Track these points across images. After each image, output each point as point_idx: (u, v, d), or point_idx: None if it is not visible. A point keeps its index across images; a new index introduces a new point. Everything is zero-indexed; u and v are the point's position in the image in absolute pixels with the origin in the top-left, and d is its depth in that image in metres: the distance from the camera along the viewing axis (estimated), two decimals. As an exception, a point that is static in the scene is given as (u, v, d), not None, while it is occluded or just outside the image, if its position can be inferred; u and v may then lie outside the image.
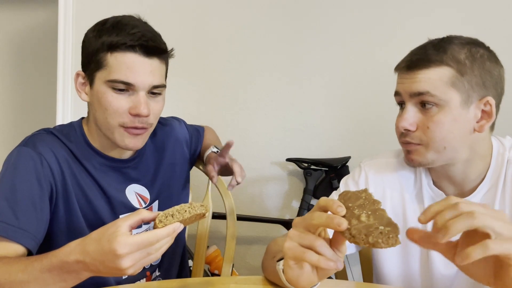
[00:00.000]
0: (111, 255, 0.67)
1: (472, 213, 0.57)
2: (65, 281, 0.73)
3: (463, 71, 0.85)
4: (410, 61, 0.88)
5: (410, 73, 0.88)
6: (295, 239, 0.65)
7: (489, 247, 0.56)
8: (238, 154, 2.01)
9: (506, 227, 0.58)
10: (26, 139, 0.97)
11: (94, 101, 0.96)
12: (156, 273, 1.12)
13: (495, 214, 0.59)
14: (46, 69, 2.66)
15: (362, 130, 2.00)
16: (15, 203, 0.88)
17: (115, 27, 0.92)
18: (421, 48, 0.90)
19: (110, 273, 0.70)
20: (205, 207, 0.73)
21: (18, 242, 0.85)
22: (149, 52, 0.92)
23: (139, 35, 0.91)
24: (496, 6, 1.86)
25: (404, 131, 0.89)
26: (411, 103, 0.88)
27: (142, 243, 0.68)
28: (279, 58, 2.04)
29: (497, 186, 0.90)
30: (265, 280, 0.91)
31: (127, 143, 0.96)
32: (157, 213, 0.72)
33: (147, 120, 0.95)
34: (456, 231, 0.57)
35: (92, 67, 0.94)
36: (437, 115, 0.86)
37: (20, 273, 0.74)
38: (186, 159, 1.22)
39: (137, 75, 0.91)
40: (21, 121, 2.86)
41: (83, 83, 0.98)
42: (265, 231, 2.10)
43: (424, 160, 0.89)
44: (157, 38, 0.96)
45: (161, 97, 0.98)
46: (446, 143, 0.87)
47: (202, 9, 2.07)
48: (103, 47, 0.91)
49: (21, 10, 2.79)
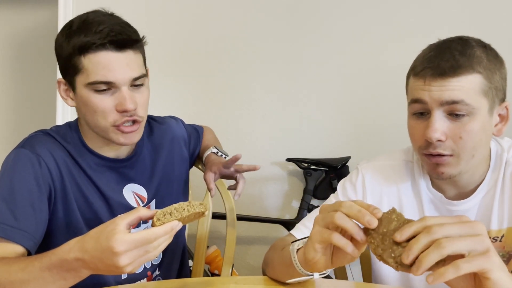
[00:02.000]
0: (109, 253, 0.67)
1: (440, 243, 0.58)
2: (65, 279, 0.73)
3: (490, 77, 0.83)
4: (439, 67, 0.82)
5: (440, 81, 0.82)
6: (321, 222, 0.68)
7: (460, 267, 0.58)
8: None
9: (479, 242, 0.59)
10: (24, 141, 0.98)
11: (81, 106, 0.95)
12: (156, 272, 1.12)
13: (467, 230, 0.60)
14: (46, 69, 2.66)
15: (362, 130, 2.00)
16: (13, 204, 0.88)
17: (81, 27, 0.91)
18: (444, 52, 0.84)
19: (108, 271, 0.70)
20: (204, 205, 0.72)
21: (17, 242, 0.85)
22: (121, 46, 0.90)
23: (107, 31, 0.89)
24: (497, 5, 1.86)
25: (436, 142, 0.83)
26: (440, 111, 0.83)
27: (139, 241, 0.68)
28: (279, 58, 2.04)
29: (495, 187, 0.90)
30: (265, 280, 0.91)
31: (122, 141, 0.96)
32: (155, 211, 0.72)
33: (136, 113, 0.94)
34: (428, 264, 0.59)
35: (70, 73, 0.93)
36: (469, 124, 0.82)
37: (20, 272, 0.74)
38: (185, 158, 1.22)
39: (115, 72, 0.90)
40: (21, 121, 2.86)
41: (66, 89, 0.98)
42: (265, 231, 2.10)
43: (455, 172, 0.86)
44: (126, 29, 0.93)
45: (144, 87, 0.97)
46: (475, 151, 0.84)
47: (201, 9, 2.07)
48: (74, 51, 0.90)
49: (21, 10, 2.79)
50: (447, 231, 0.60)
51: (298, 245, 0.78)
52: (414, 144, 0.90)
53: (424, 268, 0.59)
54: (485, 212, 0.90)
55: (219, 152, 1.23)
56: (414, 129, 0.88)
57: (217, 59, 2.07)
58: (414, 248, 0.60)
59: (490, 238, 0.89)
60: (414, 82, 0.87)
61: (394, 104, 1.95)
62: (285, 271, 0.84)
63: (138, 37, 0.96)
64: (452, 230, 0.60)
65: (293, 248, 0.78)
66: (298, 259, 0.76)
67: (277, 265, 0.89)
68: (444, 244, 0.58)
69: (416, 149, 0.90)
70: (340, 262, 0.71)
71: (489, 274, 0.59)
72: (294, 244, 0.79)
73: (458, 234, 0.60)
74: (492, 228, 0.89)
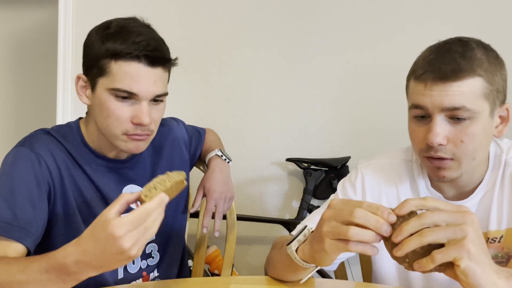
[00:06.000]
0: (111, 240, 0.66)
1: (422, 232, 0.63)
2: (65, 282, 0.72)
3: (491, 80, 0.82)
4: (440, 71, 0.81)
5: (442, 85, 0.81)
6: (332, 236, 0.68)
7: (435, 258, 0.62)
8: (238, 154, 2.02)
9: (458, 231, 0.62)
10: (24, 140, 0.98)
11: (96, 106, 0.96)
12: (154, 273, 1.12)
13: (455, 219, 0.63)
14: (46, 69, 2.66)
15: (362, 130, 2.00)
16: (13, 203, 0.88)
17: (119, 33, 0.91)
18: (445, 55, 0.83)
19: (115, 261, 0.69)
20: (181, 173, 0.74)
21: (17, 241, 0.85)
22: (153, 62, 0.92)
23: (144, 44, 0.90)
24: (496, 5, 1.86)
25: (437, 146, 0.83)
26: (441, 115, 0.82)
27: (136, 219, 0.67)
28: (279, 58, 2.04)
29: (494, 188, 0.90)
30: (265, 280, 0.91)
31: (130, 147, 0.97)
32: (139, 191, 0.71)
33: (148, 127, 0.95)
34: (408, 250, 0.63)
35: (94, 72, 0.93)
36: (469, 127, 0.82)
37: (19, 274, 0.74)
38: (185, 160, 1.22)
39: (141, 85, 0.91)
40: (21, 121, 2.86)
41: (84, 86, 0.98)
42: (265, 231, 2.10)
43: (456, 175, 0.86)
44: (162, 46, 0.95)
45: (162, 104, 0.99)
46: (476, 154, 0.84)
47: (202, 9, 2.07)
48: (107, 54, 0.91)
49: (21, 10, 2.79)
50: (436, 218, 0.63)
51: (295, 246, 0.77)
52: (415, 146, 0.90)
53: (404, 252, 0.63)
54: (483, 213, 0.90)
55: (223, 156, 1.24)
56: (415, 132, 0.88)
57: (217, 59, 2.07)
58: (404, 230, 0.63)
59: (489, 239, 0.89)
60: (414, 86, 0.86)
61: (394, 104, 1.95)
62: (289, 270, 0.84)
63: (170, 57, 0.97)
64: (441, 217, 0.63)
65: (291, 250, 0.77)
66: (301, 257, 0.76)
67: (278, 264, 0.89)
68: (425, 234, 0.62)
69: (417, 152, 0.89)
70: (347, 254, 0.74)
71: (459, 262, 0.62)
72: (290, 246, 0.78)
73: (446, 222, 0.63)
74: (490, 229, 0.90)
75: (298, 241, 0.77)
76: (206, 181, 1.19)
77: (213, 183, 1.18)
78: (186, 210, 1.23)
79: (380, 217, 0.65)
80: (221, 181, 1.19)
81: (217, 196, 1.18)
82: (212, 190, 1.17)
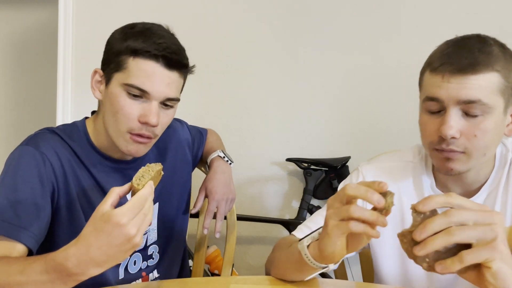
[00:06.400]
0: (116, 229, 0.67)
1: (450, 230, 0.60)
2: (65, 284, 0.72)
3: (507, 76, 0.82)
4: (458, 63, 0.80)
5: (459, 77, 0.80)
6: (335, 217, 0.68)
7: (464, 259, 0.60)
8: (238, 154, 2.02)
9: (488, 231, 0.60)
10: (29, 138, 0.97)
11: (106, 102, 0.96)
12: (154, 274, 1.12)
13: (482, 219, 0.61)
14: (46, 69, 2.66)
15: (362, 130, 2.00)
16: (16, 202, 0.87)
17: (142, 33, 0.93)
18: (463, 48, 0.82)
19: (121, 252, 0.69)
20: (158, 164, 0.77)
21: (19, 241, 0.85)
22: (170, 65, 0.93)
23: (164, 45, 0.92)
24: (497, 5, 1.86)
25: (449, 139, 0.82)
26: (456, 108, 0.82)
27: (135, 206, 0.68)
28: (279, 58, 2.04)
29: (499, 187, 0.90)
30: (265, 280, 0.92)
31: (130, 149, 0.96)
32: (128, 184, 0.72)
33: (153, 130, 0.95)
34: (432, 249, 0.61)
35: (111, 67, 0.94)
36: (483, 122, 0.81)
37: (18, 275, 0.73)
38: (188, 162, 1.22)
39: (154, 84, 0.91)
40: (22, 120, 2.86)
41: (99, 81, 0.98)
42: (265, 231, 2.10)
43: (464, 169, 0.85)
44: (181, 52, 0.97)
45: (172, 110, 0.99)
46: (487, 150, 0.84)
47: (201, 9, 2.07)
48: (126, 50, 0.92)
49: (21, 10, 2.79)
50: (464, 217, 0.61)
51: (307, 241, 0.77)
52: (425, 139, 0.89)
53: (427, 251, 0.60)
54: None
55: (225, 157, 1.24)
56: (427, 125, 0.86)
57: (217, 59, 2.07)
58: (428, 227, 0.61)
59: None
60: (430, 78, 0.85)
61: (394, 104, 1.96)
62: (294, 268, 0.84)
63: (188, 63, 0.99)
64: (469, 216, 0.61)
65: (303, 246, 0.77)
66: (311, 254, 0.76)
67: (284, 264, 0.89)
68: (454, 232, 0.60)
69: (427, 144, 0.88)
70: (355, 247, 0.72)
71: (490, 264, 0.60)
72: (303, 241, 0.78)
73: (473, 221, 0.61)
74: None
75: (312, 237, 0.77)
76: (208, 182, 1.19)
77: (215, 185, 1.18)
78: (187, 211, 1.23)
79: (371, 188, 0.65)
80: (223, 183, 1.20)
81: (219, 198, 1.18)
82: (214, 192, 1.17)
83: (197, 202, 1.19)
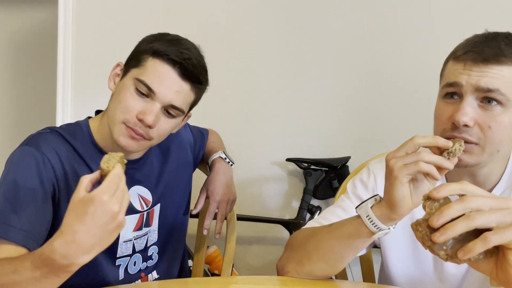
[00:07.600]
0: (99, 208, 0.66)
1: (470, 215, 0.60)
2: (58, 276, 0.71)
3: None
4: (483, 52, 0.80)
5: (481, 66, 0.80)
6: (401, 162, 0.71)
7: (489, 240, 0.59)
8: (238, 154, 2.01)
9: (507, 214, 0.61)
10: (29, 138, 0.96)
11: (115, 93, 0.98)
12: (153, 275, 1.12)
13: (499, 204, 0.62)
14: (46, 68, 2.66)
15: (362, 130, 2.00)
16: (17, 204, 0.87)
17: (170, 40, 0.97)
18: (491, 40, 0.82)
19: (107, 233, 0.68)
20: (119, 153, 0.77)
21: (20, 244, 0.84)
22: (185, 74, 0.94)
23: (186, 56, 0.94)
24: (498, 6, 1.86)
25: (462, 127, 0.80)
26: (473, 97, 0.81)
27: (112, 183, 0.68)
28: (279, 58, 2.04)
29: (510, 189, 0.89)
30: (265, 280, 0.91)
31: (121, 140, 0.95)
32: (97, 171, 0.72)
33: (148, 130, 0.94)
34: (453, 234, 0.60)
35: (131, 63, 0.97)
36: (500, 115, 0.80)
37: (11, 274, 0.73)
38: (190, 163, 1.22)
39: (163, 87, 0.92)
40: (21, 120, 2.86)
41: (118, 74, 1.00)
42: (265, 231, 2.10)
43: (474, 162, 0.83)
44: (200, 68, 0.98)
45: (174, 120, 0.98)
46: (500, 146, 0.82)
47: (201, 9, 2.07)
48: (149, 50, 0.95)
49: (21, 10, 2.79)
50: (480, 202, 0.62)
51: (371, 203, 0.77)
52: (438, 126, 0.87)
53: (448, 236, 0.61)
54: None
55: (226, 158, 1.24)
56: (442, 111, 0.85)
57: (217, 59, 2.06)
58: (445, 213, 0.61)
59: None
60: (452, 66, 0.84)
61: (394, 104, 1.96)
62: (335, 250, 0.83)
63: (203, 81, 1.00)
64: (485, 202, 0.62)
65: (367, 208, 0.76)
66: (376, 215, 0.75)
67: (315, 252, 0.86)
68: (474, 216, 0.60)
69: (439, 132, 0.86)
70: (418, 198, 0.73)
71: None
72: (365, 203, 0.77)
73: (489, 207, 0.61)
74: None
75: (375, 199, 0.77)
76: (209, 183, 1.19)
77: (216, 186, 1.18)
78: (187, 212, 1.23)
79: None
80: (224, 184, 1.20)
81: (220, 199, 1.18)
82: (215, 193, 1.18)
83: (198, 203, 1.19)
